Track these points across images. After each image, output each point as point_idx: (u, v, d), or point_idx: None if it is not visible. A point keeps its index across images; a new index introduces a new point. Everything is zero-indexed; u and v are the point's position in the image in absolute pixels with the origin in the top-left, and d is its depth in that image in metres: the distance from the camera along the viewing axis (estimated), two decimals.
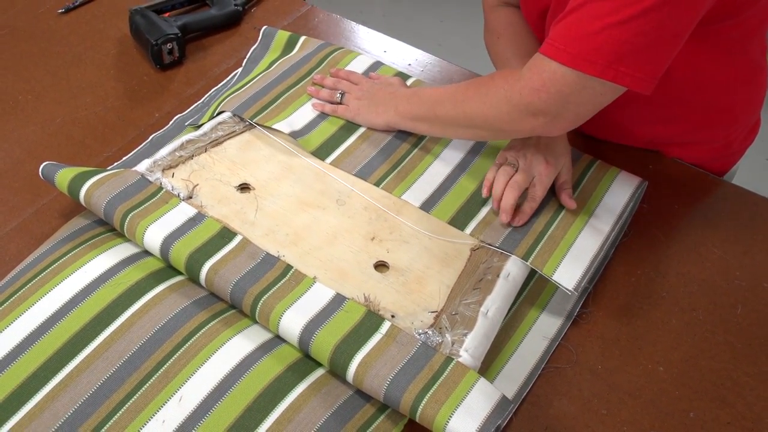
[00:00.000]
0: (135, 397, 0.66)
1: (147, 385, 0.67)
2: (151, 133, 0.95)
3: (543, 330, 0.77)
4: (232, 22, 1.13)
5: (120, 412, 0.65)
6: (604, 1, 0.67)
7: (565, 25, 0.70)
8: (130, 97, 1.02)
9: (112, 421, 0.65)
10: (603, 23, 0.67)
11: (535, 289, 0.79)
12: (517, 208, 0.81)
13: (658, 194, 0.91)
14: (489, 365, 0.74)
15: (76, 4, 1.17)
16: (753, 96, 0.91)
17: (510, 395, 0.71)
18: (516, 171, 0.81)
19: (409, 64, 1.08)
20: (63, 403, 0.66)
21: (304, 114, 0.92)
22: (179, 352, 0.69)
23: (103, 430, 0.64)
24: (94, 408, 0.65)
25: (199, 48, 1.10)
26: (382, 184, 0.85)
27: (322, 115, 0.93)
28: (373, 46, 1.11)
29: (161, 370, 0.68)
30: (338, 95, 0.94)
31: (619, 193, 0.85)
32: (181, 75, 1.06)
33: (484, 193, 0.82)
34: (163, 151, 0.85)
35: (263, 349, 0.70)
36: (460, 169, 0.87)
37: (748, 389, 0.73)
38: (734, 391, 0.73)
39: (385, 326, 0.70)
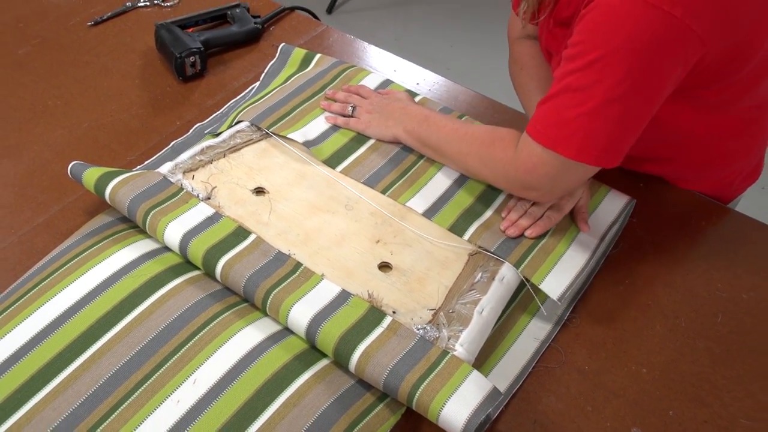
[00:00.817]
0: (152, 379, 0.72)
1: (163, 368, 0.72)
2: (172, 140, 1.01)
3: (534, 332, 0.82)
4: (251, 38, 1.20)
5: (138, 392, 0.71)
6: (575, 93, 0.75)
7: (546, 109, 0.78)
8: (153, 106, 1.08)
9: (130, 400, 0.70)
10: (575, 112, 0.75)
11: (527, 296, 0.84)
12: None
13: (650, 211, 0.96)
14: (483, 362, 0.79)
15: (105, 17, 1.24)
16: (750, 144, 0.95)
17: (501, 390, 0.76)
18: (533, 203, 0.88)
19: (417, 83, 1.14)
20: (85, 381, 0.71)
21: (317, 126, 0.98)
22: (194, 339, 0.74)
23: (122, 407, 0.69)
24: (114, 387, 0.71)
25: (219, 62, 1.17)
26: (389, 191, 0.90)
27: (334, 127, 0.99)
28: (384, 66, 1.17)
29: (177, 355, 0.73)
30: (350, 108, 1.00)
31: (608, 211, 0.90)
32: (202, 87, 1.12)
33: (503, 218, 0.88)
34: (185, 155, 0.91)
35: (272, 339, 0.75)
36: (462, 180, 0.93)
37: (725, 391, 0.78)
38: (711, 392, 0.78)
39: (387, 321, 0.75)
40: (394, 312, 0.77)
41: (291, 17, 1.27)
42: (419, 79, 1.15)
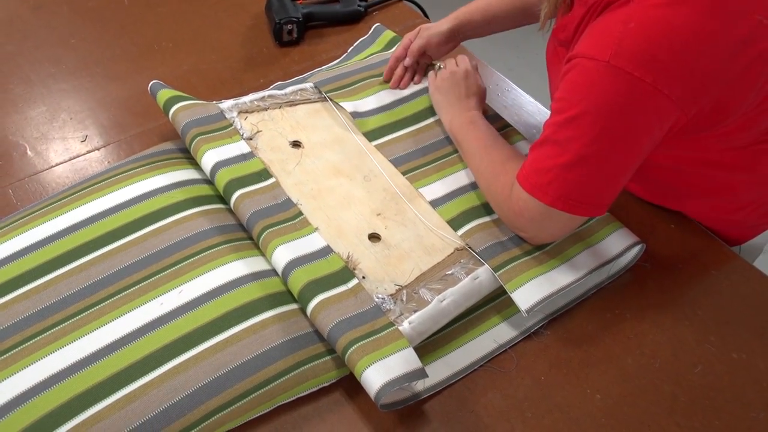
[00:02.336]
0: (147, 281, 0.84)
1: (158, 276, 0.84)
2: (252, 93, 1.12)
3: (496, 335, 0.85)
4: (352, 19, 1.29)
5: (133, 288, 0.83)
6: (554, 145, 0.79)
7: (532, 157, 0.83)
8: (246, 62, 1.21)
9: (125, 293, 0.82)
10: (553, 163, 0.79)
11: (503, 302, 0.87)
12: None
13: (668, 251, 0.95)
14: (435, 349, 0.83)
15: None
16: (755, 178, 0.92)
17: (441, 377, 0.80)
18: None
19: (490, 87, 1.18)
20: (97, 270, 0.85)
21: (371, 101, 1.05)
22: (190, 260, 0.85)
23: (115, 297, 0.82)
24: (115, 280, 0.84)
25: (317, 35, 1.27)
26: (409, 174, 0.96)
27: (385, 107, 1.05)
28: None
29: (173, 269, 0.85)
30: (438, 65, 1.08)
31: (611, 246, 0.90)
32: (294, 53, 1.23)
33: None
34: (247, 98, 1.03)
35: (253, 276, 0.84)
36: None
37: None
38: None
39: (352, 282, 0.82)
40: (363, 277, 0.83)
41: (396, 6, 1.35)
42: (491, 83, 1.19)
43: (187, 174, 0.96)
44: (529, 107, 1.16)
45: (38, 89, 1.15)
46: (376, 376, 0.73)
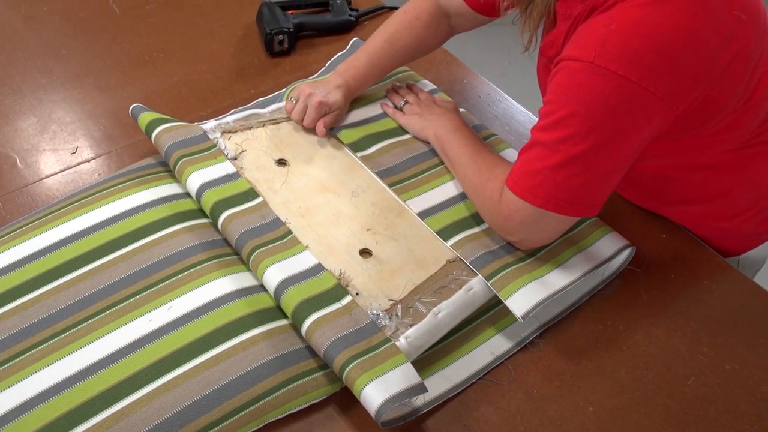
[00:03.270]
0: (135, 297, 0.83)
1: (147, 292, 0.84)
2: (243, 104, 1.12)
3: (492, 347, 0.85)
4: (343, 29, 1.29)
5: (122, 304, 0.82)
6: (543, 147, 0.80)
7: (521, 160, 0.83)
8: (237, 73, 1.20)
9: (114, 309, 0.82)
10: (542, 165, 0.80)
11: (498, 313, 0.87)
12: None
13: (660, 261, 0.95)
14: (432, 363, 0.83)
15: None
16: (748, 181, 0.93)
17: (440, 391, 0.80)
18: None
19: (480, 96, 1.18)
20: (86, 285, 0.84)
21: (352, 115, 1.05)
22: (177, 277, 0.85)
23: (105, 313, 0.81)
24: (104, 296, 0.83)
25: (309, 45, 1.27)
26: (396, 186, 0.96)
27: (367, 119, 1.05)
28: (454, 77, 1.22)
29: (161, 285, 0.84)
30: (402, 102, 1.08)
31: (603, 249, 0.91)
32: (285, 64, 1.23)
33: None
34: (230, 118, 1.02)
35: (240, 293, 0.84)
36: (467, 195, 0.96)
37: None
38: None
39: (347, 299, 0.81)
40: (357, 293, 0.83)
41: (388, 16, 1.34)
42: (482, 94, 1.19)
43: (176, 188, 0.96)
44: (521, 117, 1.15)
45: (29, 100, 1.14)
46: (375, 393, 0.73)
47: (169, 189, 0.95)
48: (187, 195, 0.94)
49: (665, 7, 0.73)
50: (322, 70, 1.19)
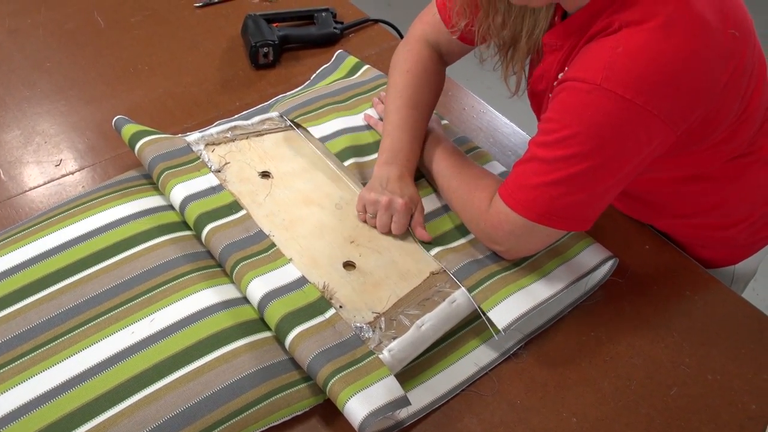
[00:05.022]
0: (118, 310, 0.83)
1: (129, 304, 0.83)
2: (228, 117, 1.12)
3: (476, 358, 0.85)
4: (328, 41, 1.30)
5: (103, 317, 0.82)
6: (542, 163, 0.80)
7: (517, 173, 0.83)
8: (222, 85, 1.20)
9: (95, 321, 0.82)
10: (539, 180, 0.80)
11: (482, 325, 0.87)
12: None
13: (644, 273, 0.95)
14: (416, 375, 0.83)
15: (213, 1, 1.38)
16: (743, 191, 0.94)
17: (423, 403, 0.80)
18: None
19: (464, 109, 1.19)
20: (68, 297, 0.84)
21: (337, 124, 1.05)
22: (161, 289, 0.85)
23: (86, 326, 0.81)
24: (86, 309, 0.83)
25: (293, 57, 1.27)
26: None
27: (351, 129, 1.05)
28: None
29: (143, 297, 0.84)
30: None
31: (586, 260, 0.91)
32: (270, 76, 1.23)
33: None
34: (214, 130, 1.02)
35: (224, 305, 0.84)
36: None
37: None
38: None
39: (330, 312, 0.81)
40: (340, 306, 0.83)
41: (372, 28, 1.35)
42: (466, 105, 1.20)
43: (160, 200, 0.95)
44: (505, 129, 1.16)
45: (13, 113, 1.14)
46: (359, 406, 0.72)
47: (153, 201, 0.95)
48: (171, 207, 0.94)
49: (668, 31, 0.74)
50: (307, 83, 1.20)
